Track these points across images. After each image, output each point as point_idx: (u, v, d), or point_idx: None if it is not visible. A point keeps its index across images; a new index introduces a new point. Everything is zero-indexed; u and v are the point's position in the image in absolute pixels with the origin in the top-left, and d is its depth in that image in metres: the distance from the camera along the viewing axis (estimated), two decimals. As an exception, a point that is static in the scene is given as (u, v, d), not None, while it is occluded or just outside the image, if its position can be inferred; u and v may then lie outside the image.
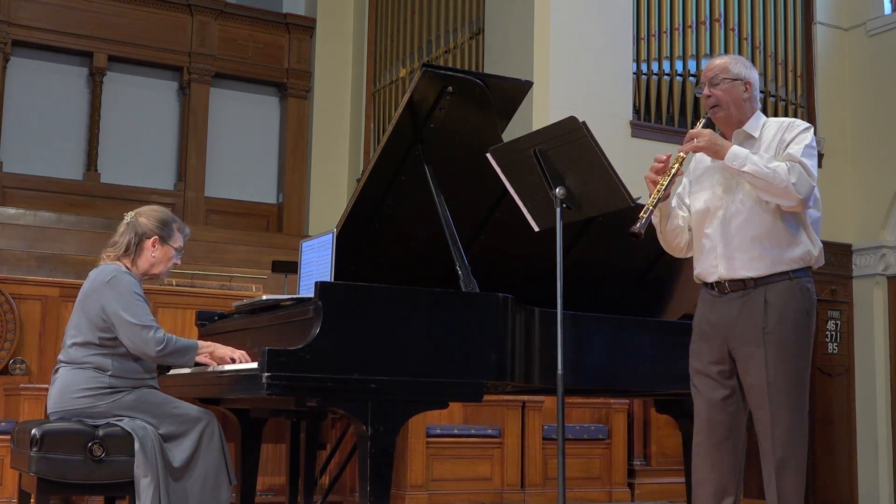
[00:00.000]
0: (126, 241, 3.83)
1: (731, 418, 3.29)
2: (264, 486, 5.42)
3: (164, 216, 3.90)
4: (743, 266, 3.23)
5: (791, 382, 3.17)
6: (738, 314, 3.23)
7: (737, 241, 3.24)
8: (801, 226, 3.24)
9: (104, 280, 3.73)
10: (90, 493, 4.22)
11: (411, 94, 3.73)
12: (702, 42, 8.18)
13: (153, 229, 3.85)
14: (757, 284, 3.22)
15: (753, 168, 3.11)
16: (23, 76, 9.43)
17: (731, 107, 3.31)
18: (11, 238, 7.63)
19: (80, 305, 3.80)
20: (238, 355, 3.75)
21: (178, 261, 3.95)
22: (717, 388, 3.29)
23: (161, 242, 3.86)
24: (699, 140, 3.20)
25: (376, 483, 3.27)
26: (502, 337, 3.55)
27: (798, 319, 3.20)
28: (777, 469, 3.17)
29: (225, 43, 10.13)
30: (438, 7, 8.95)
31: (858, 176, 8.81)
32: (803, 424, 3.21)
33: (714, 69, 3.34)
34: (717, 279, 3.28)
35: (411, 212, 4.04)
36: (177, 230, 3.90)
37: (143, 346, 3.66)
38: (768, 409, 3.17)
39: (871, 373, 8.59)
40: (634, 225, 3.13)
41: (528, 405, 6.11)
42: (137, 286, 3.77)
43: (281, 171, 10.31)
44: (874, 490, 8.45)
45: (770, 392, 3.16)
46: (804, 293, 3.22)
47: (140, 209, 3.93)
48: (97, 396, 3.68)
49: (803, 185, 3.11)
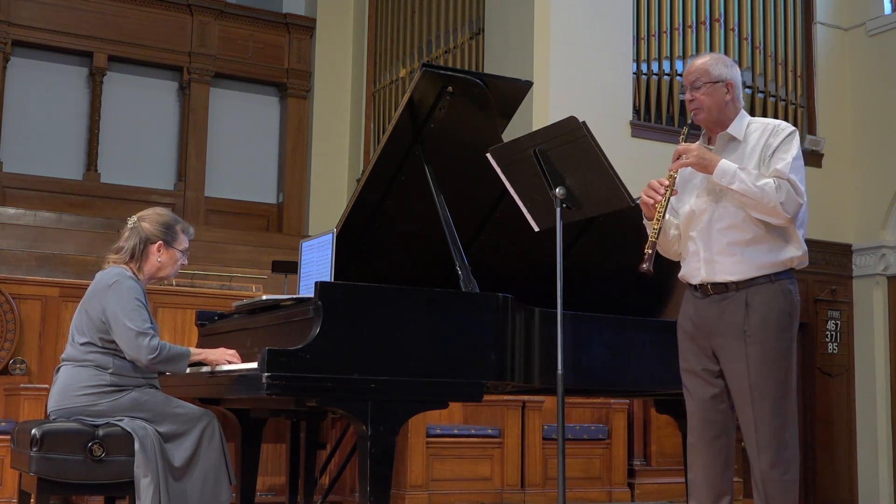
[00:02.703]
0: (131, 247, 3.85)
1: (723, 416, 3.28)
2: (264, 486, 5.42)
3: (167, 220, 3.91)
4: (724, 270, 3.23)
5: (774, 386, 3.16)
6: (720, 317, 3.24)
7: (719, 245, 3.24)
8: (784, 229, 3.22)
9: (108, 283, 3.75)
10: (90, 493, 4.22)
11: (411, 94, 3.73)
12: (702, 42, 8.18)
13: (157, 234, 3.86)
14: (739, 287, 3.22)
15: (742, 187, 3.12)
16: (23, 76, 9.43)
17: (714, 110, 3.30)
18: (11, 238, 7.63)
19: (83, 305, 3.83)
20: (229, 356, 3.78)
21: (184, 261, 3.97)
22: (706, 386, 3.29)
23: (166, 246, 3.87)
24: (688, 156, 3.22)
25: (376, 483, 3.27)
26: (502, 337, 3.55)
27: (780, 321, 3.19)
28: (762, 475, 3.15)
29: (225, 43, 10.13)
30: (438, 7, 8.96)
31: (858, 176, 8.81)
32: (790, 429, 3.18)
33: (694, 72, 3.31)
34: (699, 282, 3.30)
35: (411, 212, 4.04)
36: (181, 232, 3.91)
37: (136, 353, 3.68)
38: (751, 413, 3.16)
39: (871, 373, 8.59)
40: (642, 265, 3.18)
41: (528, 405, 6.11)
42: (140, 292, 3.78)
43: (281, 171, 10.31)
44: (874, 490, 8.45)
45: (752, 396, 3.15)
46: (786, 295, 3.22)
47: (143, 213, 3.94)
48: (98, 395, 3.69)
49: (791, 203, 3.13)
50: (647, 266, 3.18)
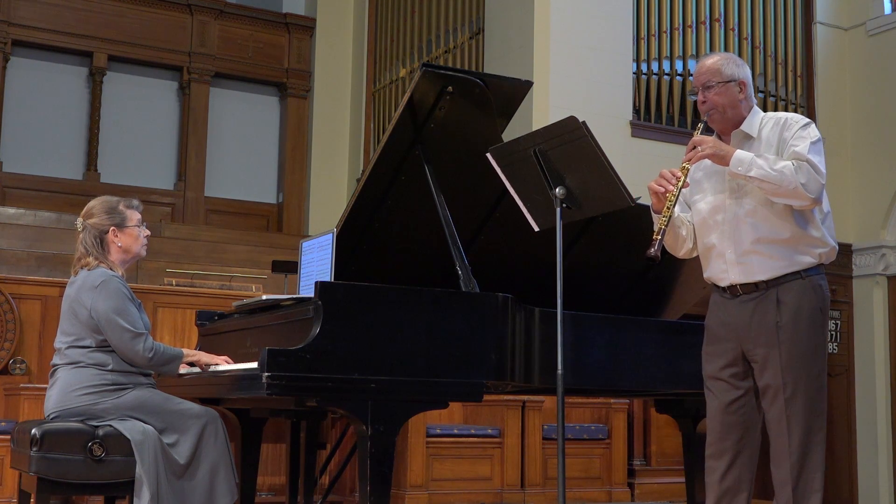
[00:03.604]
0: (90, 245, 3.86)
1: (744, 419, 3.24)
2: (264, 486, 5.42)
3: (108, 205, 3.92)
4: (754, 270, 3.19)
5: (807, 384, 3.13)
6: (752, 315, 3.19)
7: (745, 245, 3.19)
8: (810, 224, 3.19)
9: (93, 284, 3.76)
10: (90, 492, 4.22)
11: (411, 93, 3.73)
12: (702, 42, 8.18)
13: (105, 222, 3.88)
14: (769, 286, 3.18)
15: (760, 172, 3.06)
16: (23, 76, 9.43)
17: (728, 110, 3.26)
18: (11, 238, 7.62)
19: (69, 311, 3.82)
20: (220, 360, 3.81)
21: (146, 232, 3.98)
22: (730, 390, 3.25)
23: (119, 229, 3.88)
24: (703, 148, 3.16)
25: (376, 483, 3.26)
26: (502, 337, 3.55)
27: (812, 317, 3.16)
28: (793, 473, 3.12)
29: (225, 43, 10.13)
30: (438, 7, 8.96)
31: (858, 176, 8.81)
32: (822, 428, 3.15)
33: (706, 73, 3.27)
34: (729, 284, 3.25)
35: (411, 211, 4.03)
36: (126, 209, 3.92)
37: (132, 355, 3.71)
38: (784, 411, 3.12)
39: (871, 373, 8.59)
40: (649, 249, 3.10)
41: (528, 405, 6.11)
42: (127, 288, 3.82)
43: (281, 171, 10.31)
44: (874, 490, 8.45)
45: (785, 393, 3.12)
46: (817, 291, 3.18)
47: (86, 210, 3.92)
48: (100, 394, 3.70)
49: (812, 183, 3.07)
50: (654, 251, 3.09)
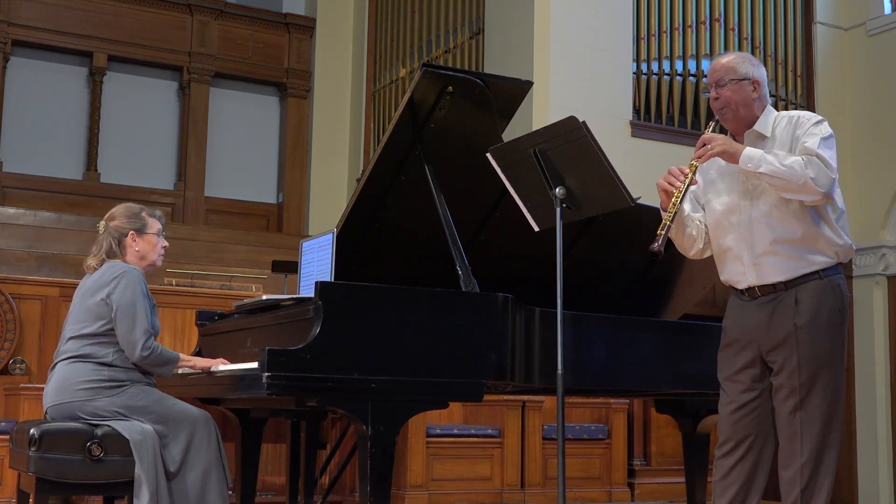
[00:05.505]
0: (107, 247, 3.94)
1: (758, 420, 3.21)
2: (264, 486, 5.42)
3: (131, 210, 4.02)
4: (771, 272, 3.16)
5: (824, 385, 3.10)
6: (770, 317, 3.17)
7: (762, 246, 3.17)
8: (825, 222, 3.16)
9: (114, 274, 3.81)
10: (89, 492, 4.22)
11: (411, 93, 3.73)
12: (702, 42, 8.18)
13: (126, 226, 3.96)
14: (787, 287, 3.15)
15: (770, 168, 3.04)
16: (23, 76, 9.43)
17: (741, 108, 3.23)
18: (11, 238, 7.63)
19: (81, 300, 3.86)
20: (217, 363, 3.82)
21: (164, 243, 4.05)
22: (746, 391, 3.23)
23: (139, 234, 3.96)
24: (713, 146, 3.14)
25: (376, 483, 3.26)
26: (502, 337, 3.55)
27: (831, 318, 3.13)
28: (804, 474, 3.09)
29: (225, 43, 10.13)
30: (438, 7, 8.96)
31: (858, 176, 8.80)
32: (836, 430, 3.13)
33: (720, 70, 3.24)
34: (747, 286, 3.23)
35: (411, 212, 4.03)
36: (148, 216, 4.01)
37: (131, 347, 3.74)
38: (798, 412, 3.09)
39: (871, 373, 8.58)
40: (653, 244, 3.08)
41: (528, 405, 6.11)
42: (146, 286, 3.87)
43: (281, 171, 10.31)
44: (874, 490, 8.44)
45: (801, 394, 3.09)
46: (836, 291, 3.16)
47: (109, 214, 4.03)
48: (97, 390, 3.71)
49: (823, 178, 3.03)
50: (657, 246, 3.06)
